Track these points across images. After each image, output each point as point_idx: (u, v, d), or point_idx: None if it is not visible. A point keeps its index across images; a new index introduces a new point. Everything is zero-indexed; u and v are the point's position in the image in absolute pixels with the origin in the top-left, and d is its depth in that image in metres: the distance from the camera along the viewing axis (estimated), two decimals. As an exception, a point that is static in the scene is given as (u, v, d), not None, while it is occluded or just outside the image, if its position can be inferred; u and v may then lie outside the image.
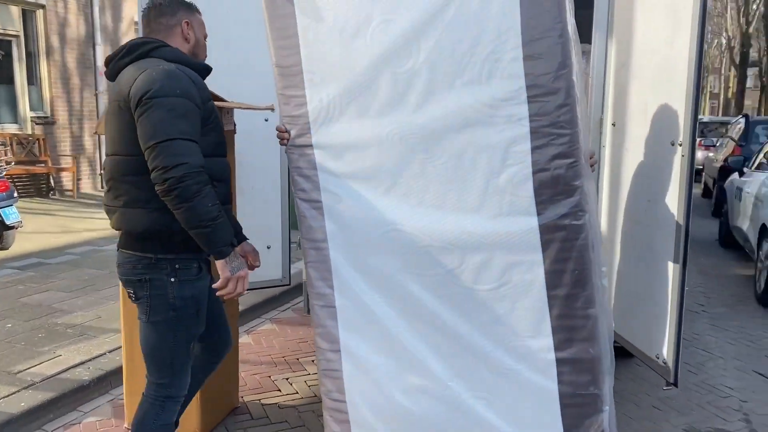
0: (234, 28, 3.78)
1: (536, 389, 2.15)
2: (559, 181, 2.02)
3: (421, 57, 2.08)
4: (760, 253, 5.99)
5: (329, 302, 2.34)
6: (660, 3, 2.82)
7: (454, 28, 2.05)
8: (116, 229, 2.41)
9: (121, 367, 3.89)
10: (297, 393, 3.86)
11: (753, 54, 35.32)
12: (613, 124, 3.22)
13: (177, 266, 2.31)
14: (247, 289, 2.71)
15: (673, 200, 2.72)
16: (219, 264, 2.24)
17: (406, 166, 2.16)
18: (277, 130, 2.42)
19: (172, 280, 2.30)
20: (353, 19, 2.15)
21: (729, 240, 8.04)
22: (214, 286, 2.30)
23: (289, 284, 4.31)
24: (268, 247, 4.04)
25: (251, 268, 2.69)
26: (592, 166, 2.26)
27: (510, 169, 2.06)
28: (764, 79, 31.58)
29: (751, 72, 39.74)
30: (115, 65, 2.37)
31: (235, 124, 3.46)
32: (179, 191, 2.09)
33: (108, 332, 4.44)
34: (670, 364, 2.77)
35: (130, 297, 2.42)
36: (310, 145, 2.31)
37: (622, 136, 3.14)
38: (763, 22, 28.90)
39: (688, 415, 3.64)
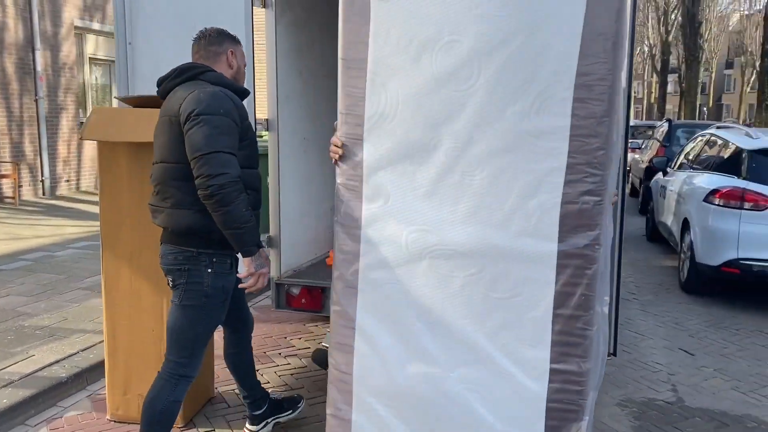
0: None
1: (527, 392, 2.36)
2: (584, 216, 2.24)
3: (480, 80, 2.27)
4: (683, 245, 6.57)
5: (352, 284, 2.53)
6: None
7: (515, 61, 2.24)
8: (162, 227, 2.71)
9: (96, 364, 4.06)
10: (268, 382, 4.10)
11: (673, 61, 37.41)
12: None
13: (214, 260, 2.67)
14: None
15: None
16: (245, 261, 2.56)
17: (446, 175, 2.35)
18: (332, 143, 2.53)
19: (209, 271, 2.68)
20: (424, 32, 2.31)
21: (655, 235, 8.68)
22: (239, 276, 2.61)
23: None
24: (238, 246, 4.24)
25: None
26: (613, 203, 2.45)
27: (541, 196, 2.26)
28: (683, 84, 33.46)
29: (672, 78, 41.99)
30: (166, 85, 2.71)
31: (209, 130, 3.67)
32: (220, 197, 2.44)
33: (77, 333, 4.55)
34: (610, 337, 3.17)
35: (168, 284, 2.75)
36: (361, 139, 2.46)
37: (563, 139, 3.54)
38: (681, 31, 30.69)
39: (623, 388, 4.08)
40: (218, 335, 4.82)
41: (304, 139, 4.68)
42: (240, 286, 2.67)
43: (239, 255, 2.66)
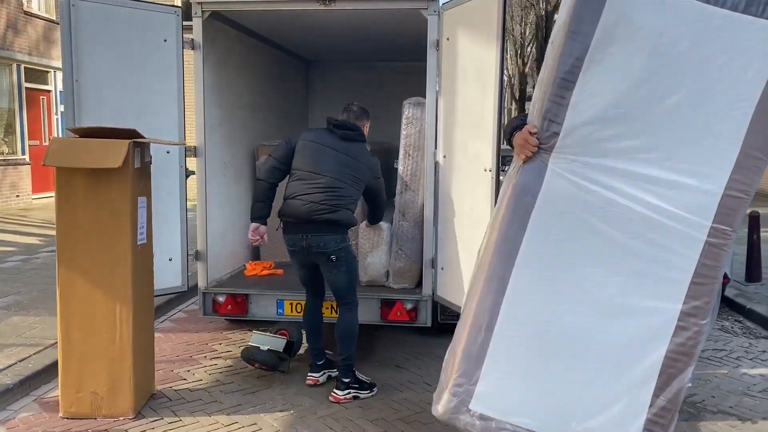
0: (139, 77, 4.50)
1: (654, 340, 2.75)
2: (734, 207, 2.71)
3: (685, 81, 2.68)
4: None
5: (517, 242, 2.79)
6: (472, 76, 4.14)
7: (717, 73, 2.66)
8: (327, 220, 4.11)
9: (36, 373, 4.46)
10: (201, 380, 4.61)
11: (529, 90, 40.69)
12: (444, 156, 4.49)
13: (348, 236, 4.29)
14: (155, 296, 4.29)
15: (487, 206, 4.02)
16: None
17: (633, 148, 2.72)
18: (526, 139, 2.77)
19: (351, 244, 4.32)
20: (646, 28, 2.64)
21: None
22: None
23: (187, 290, 5.03)
24: (170, 260, 4.74)
25: None
26: None
27: (708, 185, 2.71)
28: (539, 111, 36.56)
29: (528, 105, 45.44)
30: (348, 134, 4.27)
31: (151, 156, 4.20)
32: (384, 209, 4.66)
33: (8, 347, 4.80)
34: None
35: (330, 261, 4.17)
36: (567, 103, 2.69)
37: (450, 163, 4.42)
38: (536, 64, 33.86)
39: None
40: (166, 345, 5.25)
41: (224, 163, 5.27)
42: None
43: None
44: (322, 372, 4.56)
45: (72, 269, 3.86)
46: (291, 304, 4.82)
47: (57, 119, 14.46)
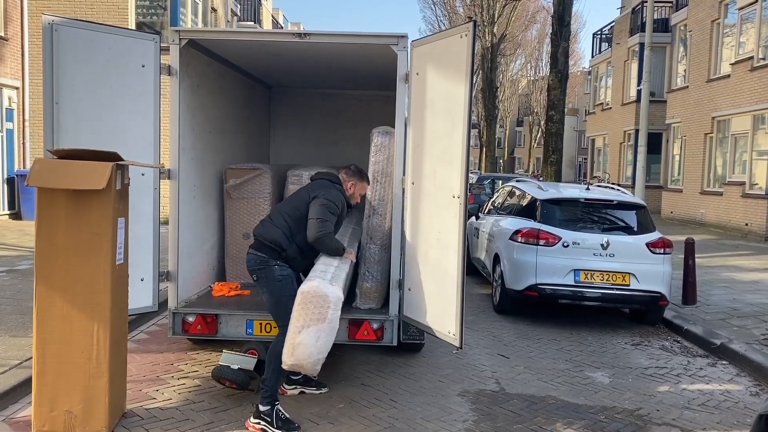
0: (117, 100, 4.60)
1: None
2: None
3: None
4: (495, 275, 8.08)
5: None
6: (442, 109, 4.43)
7: None
8: (255, 235, 4.45)
9: (4, 392, 4.41)
10: (171, 399, 4.67)
11: (474, 118, 41.83)
12: (413, 183, 4.75)
13: (278, 263, 4.35)
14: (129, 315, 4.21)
15: (454, 232, 4.28)
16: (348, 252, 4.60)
17: None
18: None
19: (276, 267, 4.34)
20: None
21: (470, 269, 10.24)
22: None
23: (158, 310, 5.09)
24: (142, 280, 4.81)
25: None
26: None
27: None
28: (483, 139, 37.75)
29: (473, 133, 46.71)
30: (319, 175, 4.65)
31: (129, 179, 4.29)
32: (318, 241, 4.37)
33: (-29, 368, 4.75)
34: (458, 335, 4.31)
35: (253, 278, 4.45)
36: None
37: (419, 190, 4.68)
38: (482, 94, 34.94)
39: (461, 383, 5.24)
40: (131, 365, 5.26)
41: (194, 186, 5.38)
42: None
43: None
44: (294, 386, 4.81)
45: (50, 287, 3.90)
46: (260, 324, 4.94)
47: (2, 136, 14.09)
